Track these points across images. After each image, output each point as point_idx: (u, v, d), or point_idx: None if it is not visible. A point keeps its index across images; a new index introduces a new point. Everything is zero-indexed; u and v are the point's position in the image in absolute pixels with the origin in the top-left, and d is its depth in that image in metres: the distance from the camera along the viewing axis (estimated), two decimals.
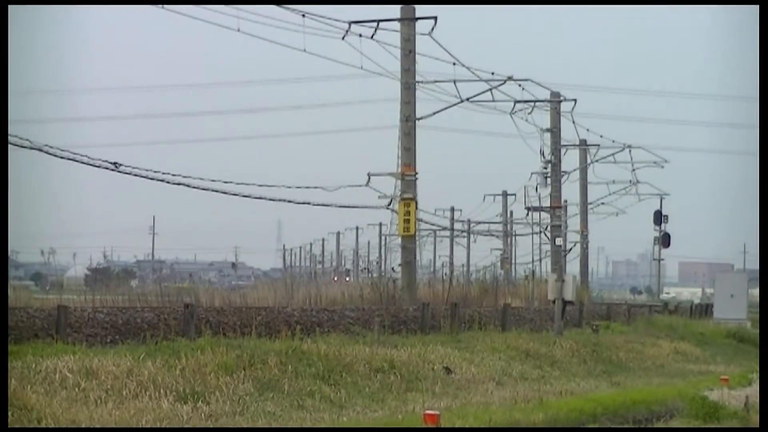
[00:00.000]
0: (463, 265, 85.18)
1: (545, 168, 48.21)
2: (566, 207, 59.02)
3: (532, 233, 61.61)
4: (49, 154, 25.34)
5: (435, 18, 34.90)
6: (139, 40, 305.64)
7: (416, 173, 35.55)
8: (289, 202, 34.01)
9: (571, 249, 60.71)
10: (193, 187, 30.62)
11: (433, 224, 70.94)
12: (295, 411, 19.40)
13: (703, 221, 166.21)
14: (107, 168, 27.23)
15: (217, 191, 31.01)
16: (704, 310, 60.01)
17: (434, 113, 37.81)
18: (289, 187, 33.83)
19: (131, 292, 34.54)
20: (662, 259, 76.70)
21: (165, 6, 28.67)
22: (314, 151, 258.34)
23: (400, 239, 37.73)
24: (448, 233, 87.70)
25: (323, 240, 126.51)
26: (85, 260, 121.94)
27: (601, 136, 58.53)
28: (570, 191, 61.03)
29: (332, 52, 35.12)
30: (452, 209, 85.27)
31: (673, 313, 54.00)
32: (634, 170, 64.01)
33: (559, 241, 50.99)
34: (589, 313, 45.14)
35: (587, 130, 56.02)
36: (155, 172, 28.72)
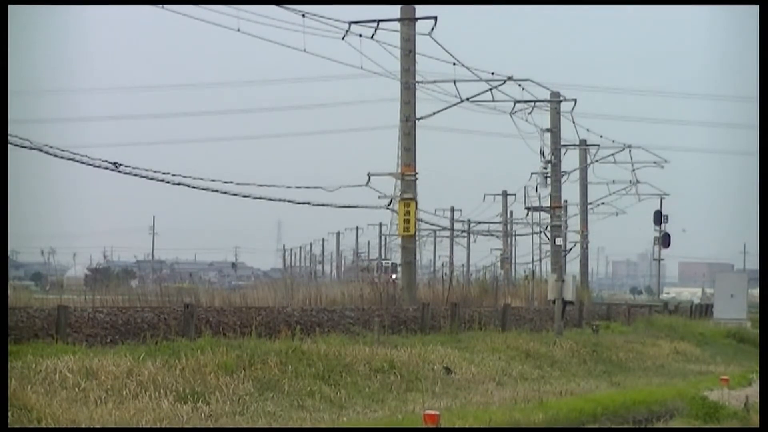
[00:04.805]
0: (463, 265, 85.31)
1: (545, 168, 48.28)
2: (566, 207, 59.08)
3: (532, 233, 61.75)
4: (49, 154, 25.36)
5: (435, 18, 34.95)
6: (140, 40, 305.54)
7: (416, 173, 35.57)
8: (289, 202, 34.05)
9: (571, 249, 60.78)
10: (193, 187, 30.66)
11: (433, 224, 71.04)
12: (295, 411, 19.39)
13: (703, 221, 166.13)
14: (107, 168, 27.26)
15: (217, 191, 31.04)
16: (704, 310, 60.00)
17: (434, 113, 37.87)
18: (289, 187, 33.87)
19: (131, 292, 34.49)
20: (662, 259, 76.73)
21: (165, 6, 28.71)
22: (314, 151, 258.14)
23: (400, 239, 37.75)
24: (448, 233, 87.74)
25: (323, 240, 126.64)
26: (85, 260, 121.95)
27: (601, 136, 58.66)
28: (570, 191, 61.15)
29: (332, 52, 35.17)
30: (452, 209, 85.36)
31: (673, 313, 54.00)
32: (634, 170, 64.12)
33: (559, 241, 51.07)
34: (589, 313, 45.14)
35: (587, 130, 56.15)
36: (155, 172, 28.76)
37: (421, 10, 35.62)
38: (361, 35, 34.43)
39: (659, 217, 71.23)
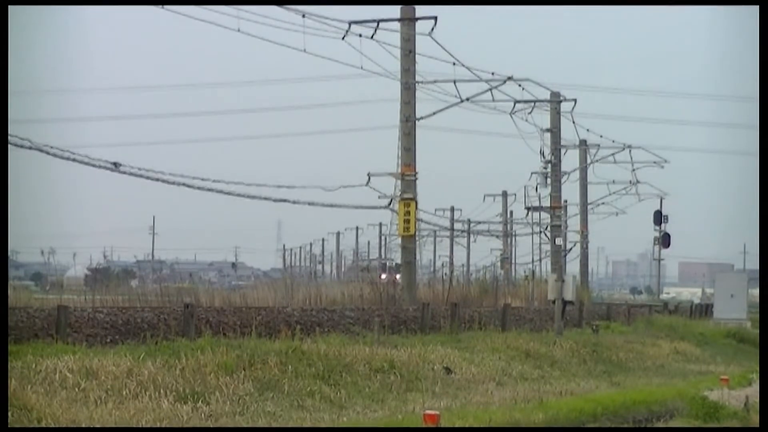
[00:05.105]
0: (463, 265, 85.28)
1: (545, 168, 48.30)
2: (566, 207, 59.08)
3: (532, 233, 61.75)
4: (49, 154, 25.36)
5: (435, 18, 34.95)
6: (140, 40, 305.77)
7: (416, 173, 35.57)
8: (289, 202, 34.05)
9: (571, 249, 60.77)
10: (193, 187, 30.66)
11: (433, 224, 70.97)
12: (295, 411, 19.39)
13: (703, 221, 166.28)
14: (107, 168, 27.26)
15: (217, 191, 31.04)
16: (704, 310, 60.00)
17: (434, 113, 37.88)
18: (289, 187, 33.88)
19: (131, 292, 34.51)
20: (662, 259, 76.69)
21: (165, 6, 28.70)
22: (314, 151, 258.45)
23: (400, 239, 37.75)
24: (448, 233, 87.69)
25: (323, 240, 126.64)
26: (85, 260, 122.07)
27: (601, 136, 58.69)
28: (570, 191, 61.14)
29: (332, 52, 35.17)
30: (452, 209, 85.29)
31: (673, 313, 53.99)
32: (634, 170, 64.15)
33: (559, 241, 51.06)
34: (589, 313, 45.13)
35: (587, 130, 56.18)
36: (155, 172, 28.76)
37: (421, 10, 35.65)
38: (361, 35, 34.43)
39: (659, 217, 71.22)
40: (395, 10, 35.64)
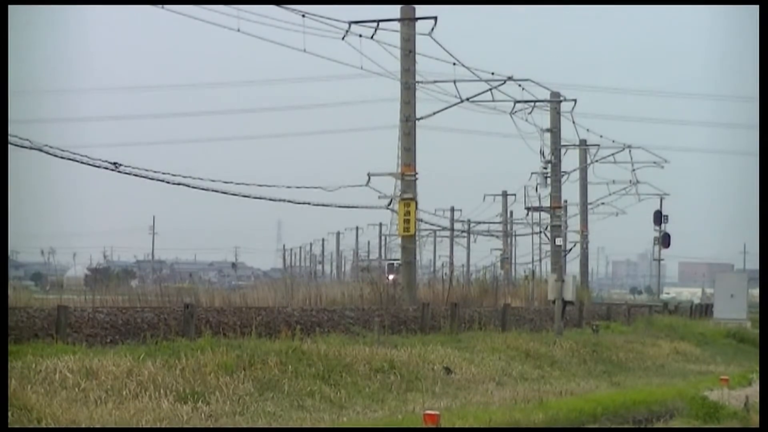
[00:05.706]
0: (463, 265, 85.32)
1: (545, 168, 48.26)
2: (566, 207, 59.11)
3: (532, 233, 61.89)
4: (49, 154, 25.35)
5: (435, 18, 34.94)
6: (140, 40, 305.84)
7: (416, 173, 35.57)
8: (289, 202, 34.06)
9: (571, 249, 60.79)
10: (193, 187, 30.67)
11: (433, 224, 71.07)
12: (295, 411, 19.39)
13: (703, 221, 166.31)
14: (107, 168, 27.26)
15: (217, 191, 31.05)
16: (704, 310, 60.00)
17: (434, 113, 37.88)
18: (289, 187, 33.89)
19: (131, 292, 34.47)
20: (662, 259, 76.71)
21: (165, 6, 28.70)
22: (314, 151, 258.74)
23: (400, 239, 37.75)
24: (448, 233, 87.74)
25: (323, 240, 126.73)
26: (85, 260, 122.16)
27: (601, 136, 58.69)
28: (570, 191, 61.19)
29: (332, 52, 35.18)
30: (452, 209, 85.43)
31: (673, 313, 54.00)
32: (634, 170, 64.16)
33: (559, 241, 51.06)
34: (589, 313, 45.13)
35: (587, 130, 56.19)
36: (155, 172, 28.75)
37: (421, 10, 35.66)
38: (361, 35, 34.43)
39: (659, 217, 71.25)
40: (395, 10, 35.65)
